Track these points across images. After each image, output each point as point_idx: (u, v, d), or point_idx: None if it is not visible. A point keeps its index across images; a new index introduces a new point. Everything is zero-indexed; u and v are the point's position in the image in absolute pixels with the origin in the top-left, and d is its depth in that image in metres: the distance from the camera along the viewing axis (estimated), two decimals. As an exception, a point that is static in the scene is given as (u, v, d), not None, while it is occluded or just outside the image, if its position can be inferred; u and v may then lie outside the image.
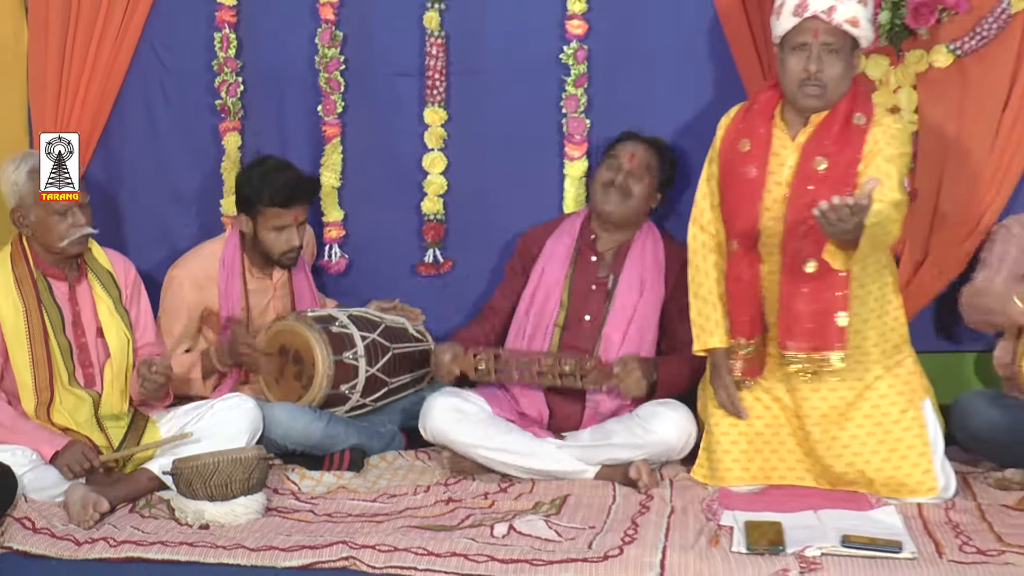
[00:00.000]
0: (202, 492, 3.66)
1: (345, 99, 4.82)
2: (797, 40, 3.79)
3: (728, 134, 4.00)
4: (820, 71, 3.75)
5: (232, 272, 4.49)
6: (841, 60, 3.79)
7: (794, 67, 3.80)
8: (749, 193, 3.89)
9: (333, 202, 4.86)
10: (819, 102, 3.82)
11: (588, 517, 3.73)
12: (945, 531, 3.60)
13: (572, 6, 4.65)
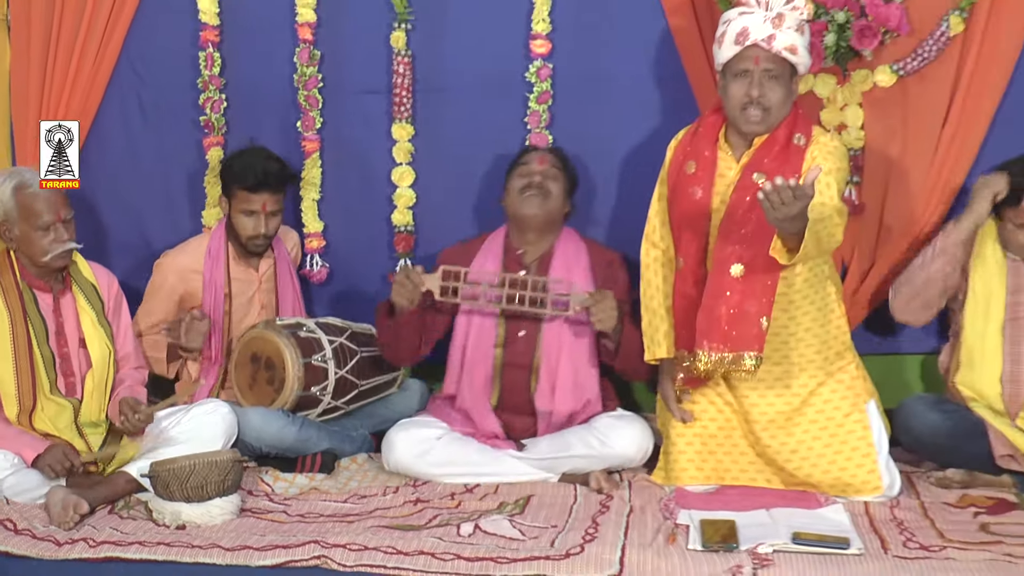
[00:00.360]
0: (179, 494, 3.64)
1: (323, 115, 4.79)
2: (739, 67, 3.83)
3: (676, 156, 4.04)
4: (762, 96, 3.80)
5: (217, 260, 4.47)
6: (781, 85, 3.82)
7: (736, 92, 3.83)
8: (695, 213, 3.92)
9: (313, 214, 4.83)
10: (761, 126, 3.85)
11: (551, 516, 3.73)
12: (890, 528, 3.62)
13: (536, 26, 4.63)
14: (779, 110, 3.85)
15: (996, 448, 4.00)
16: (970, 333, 4.17)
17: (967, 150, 4.45)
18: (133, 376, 4.18)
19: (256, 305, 4.52)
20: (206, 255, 4.48)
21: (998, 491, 3.94)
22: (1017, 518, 3.69)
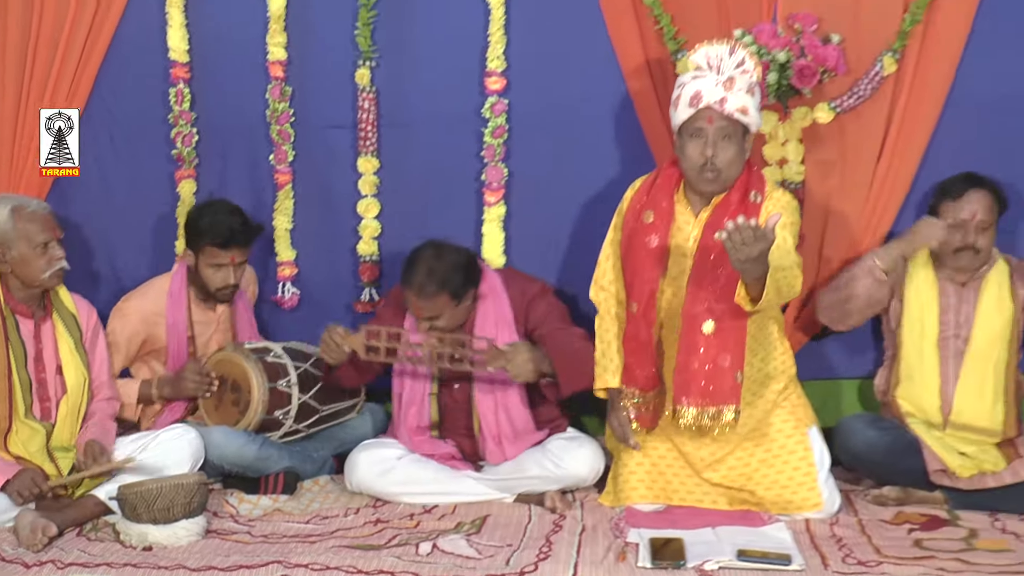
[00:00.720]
0: (146, 516, 3.60)
1: (294, 149, 4.77)
2: (694, 127, 3.84)
3: (633, 205, 4.03)
4: (716, 155, 3.80)
5: (179, 304, 4.41)
6: (734, 144, 3.84)
7: (692, 152, 3.84)
8: (651, 261, 3.92)
9: (286, 243, 4.80)
10: (716, 185, 3.87)
11: (506, 536, 3.72)
12: (830, 544, 3.63)
13: (491, 64, 4.63)
14: (733, 168, 3.86)
15: (930, 464, 4.00)
16: (909, 350, 4.18)
17: (900, 184, 4.49)
18: (104, 409, 4.11)
19: (214, 344, 4.46)
20: (168, 300, 4.40)
21: (931, 508, 3.96)
22: (948, 534, 3.71)
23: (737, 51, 3.86)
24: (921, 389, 4.16)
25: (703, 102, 3.80)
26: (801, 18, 4.40)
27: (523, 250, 4.69)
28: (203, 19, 4.72)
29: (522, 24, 4.62)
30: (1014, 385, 4.16)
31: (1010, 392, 4.13)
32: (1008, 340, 4.14)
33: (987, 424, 4.09)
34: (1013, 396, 4.15)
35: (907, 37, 4.42)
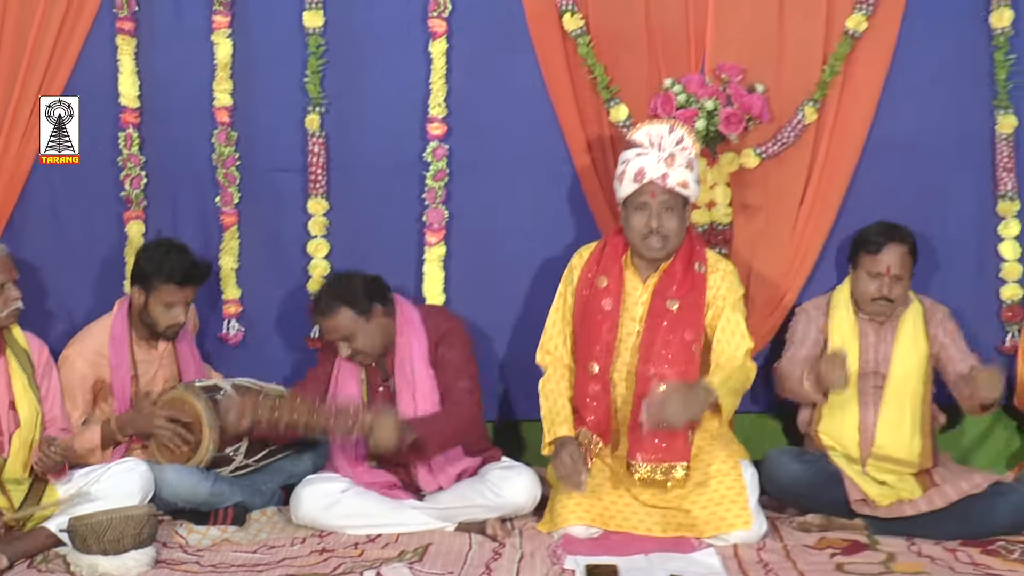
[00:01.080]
0: (96, 547, 3.56)
1: (241, 191, 4.76)
2: (638, 200, 3.98)
3: (585, 273, 4.13)
4: (660, 226, 3.94)
5: (121, 344, 4.35)
6: (676, 216, 3.97)
7: (637, 224, 3.97)
8: (607, 324, 4.03)
9: (231, 282, 4.78)
10: (662, 252, 4.00)
11: (447, 563, 3.70)
12: (757, 569, 3.64)
13: (432, 111, 4.67)
14: (676, 237, 4.00)
15: (851, 494, 4.04)
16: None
17: (822, 226, 4.57)
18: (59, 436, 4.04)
19: (159, 380, 4.41)
20: (110, 341, 4.35)
21: (852, 533, 3.99)
22: (868, 558, 3.74)
23: (676, 130, 4.01)
24: (841, 425, 4.21)
25: (646, 178, 3.94)
26: (727, 69, 4.49)
27: (461, 288, 4.72)
28: (153, 66, 4.72)
29: (462, 73, 4.68)
30: (930, 418, 4.22)
31: (926, 425, 4.19)
32: (923, 376, 4.21)
33: (906, 456, 4.15)
34: (929, 429, 4.20)
35: (827, 87, 4.53)
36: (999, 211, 4.58)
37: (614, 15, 4.59)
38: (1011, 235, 4.57)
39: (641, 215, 3.97)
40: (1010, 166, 4.55)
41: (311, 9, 4.67)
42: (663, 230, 3.96)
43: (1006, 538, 3.90)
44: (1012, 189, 4.56)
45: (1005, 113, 4.54)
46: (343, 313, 4.07)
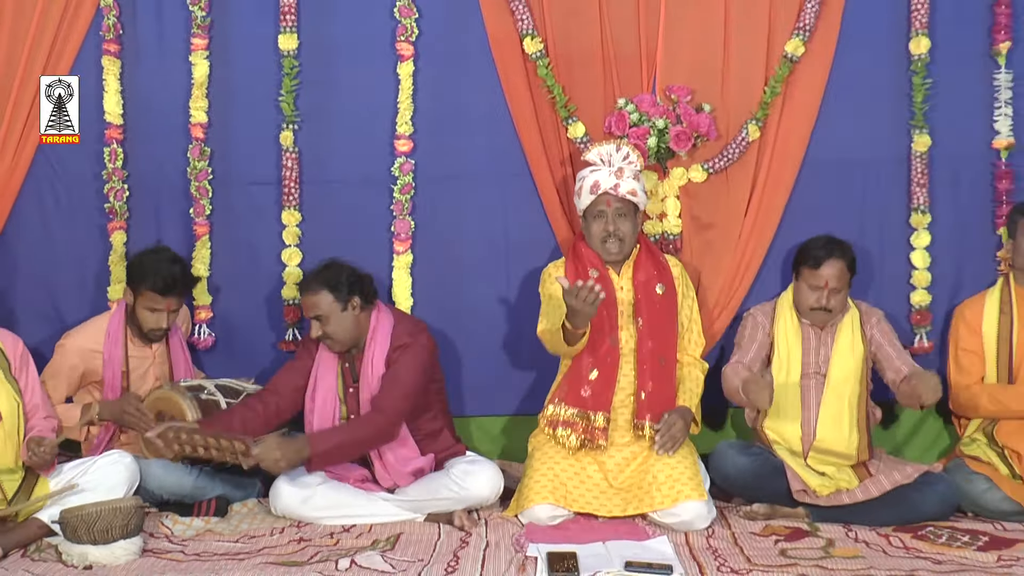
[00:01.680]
0: (86, 537, 3.57)
1: (213, 203, 4.76)
2: (596, 210, 4.23)
3: (568, 273, 4.25)
4: (616, 230, 4.20)
5: (116, 341, 4.37)
6: (629, 220, 4.24)
7: (596, 230, 4.24)
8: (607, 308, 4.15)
9: (203, 289, 4.77)
10: (618, 255, 4.22)
11: (418, 551, 3.72)
12: (706, 555, 3.68)
13: (400, 128, 4.70)
14: (630, 239, 4.26)
15: (793, 485, 4.09)
16: (775, 387, 4.24)
17: (764, 236, 4.63)
18: (43, 424, 4.05)
19: (150, 377, 4.43)
20: (105, 337, 4.36)
21: (794, 521, 4.05)
22: (809, 544, 3.80)
23: (622, 148, 4.24)
24: (785, 422, 4.25)
25: (601, 189, 4.19)
26: (677, 90, 4.56)
27: (427, 292, 4.75)
28: (136, 86, 4.73)
29: (428, 93, 4.72)
30: (867, 415, 4.28)
31: (863, 421, 4.25)
32: (860, 376, 4.27)
33: (844, 449, 4.19)
34: (866, 424, 4.26)
35: (768, 107, 4.60)
36: (912, 223, 4.66)
37: (572, 39, 4.65)
38: (922, 245, 4.66)
39: (599, 222, 4.22)
40: (923, 182, 4.63)
41: (286, 33, 4.69)
42: (619, 233, 4.21)
43: (934, 524, 3.99)
44: (924, 203, 4.64)
45: (920, 133, 4.62)
46: (323, 295, 4.13)
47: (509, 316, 4.76)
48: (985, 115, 4.64)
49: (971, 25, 4.63)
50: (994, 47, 4.61)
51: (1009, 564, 3.57)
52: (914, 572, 3.46)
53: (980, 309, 4.42)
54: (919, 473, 4.08)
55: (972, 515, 4.13)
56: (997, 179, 4.65)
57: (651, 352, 4.18)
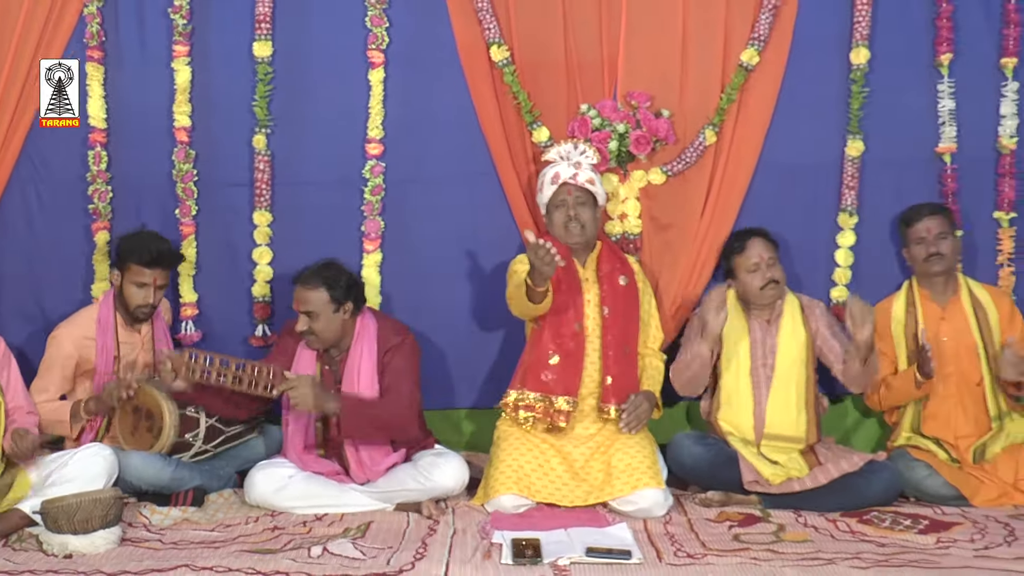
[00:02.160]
0: (67, 527, 3.55)
1: (197, 204, 4.76)
2: (558, 200, 4.28)
3: None
4: (577, 215, 4.24)
5: (107, 328, 4.37)
6: (589, 209, 4.28)
7: (558, 218, 4.29)
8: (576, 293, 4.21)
9: (189, 287, 4.78)
10: (581, 238, 4.24)
11: (387, 539, 3.73)
12: (664, 541, 3.71)
13: (370, 132, 4.71)
14: (591, 227, 4.28)
15: (745, 475, 4.13)
16: (727, 380, 4.34)
17: (720, 236, 4.63)
18: (25, 419, 4.05)
19: (140, 362, 4.43)
20: (97, 324, 4.37)
21: (747, 508, 4.09)
22: (761, 529, 3.84)
23: (579, 145, 4.32)
24: (738, 412, 4.31)
25: (561, 179, 4.26)
26: (637, 96, 4.59)
27: (396, 290, 4.75)
28: (119, 91, 4.71)
29: (398, 99, 4.72)
30: (814, 398, 4.34)
31: (810, 404, 4.31)
32: (805, 362, 4.33)
33: (793, 433, 4.25)
34: (813, 408, 4.32)
35: (724, 113, 4.63)
36: (839, 222, 4.71)
37: (537, 47, 4.67)
38: (847, 244, 4.70)
39: (561, 211, 4.27)
40: (853, 184, 4.67)
41: (260, 40, 4.68)
42: (580, 219, 4.24)
43: (878, 509, 4.04)
44: (852, 204, 4.67)
45: (854, 138, 4.67)
46: (320, 292, 4.13)
47: (476, 312, 4.77)
48: (928, 122, 4.69)
49: (914, 37, 4.68)
50: (936, 58, 4.66)
51: (946, 546, 3.63)
52: (859, 555, 3.50)
53: (888, 313, 4.50)
54: (864, 461, 4.12)
55: (914, 500, 4.20)
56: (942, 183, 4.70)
57: (616, 340, 4.20)
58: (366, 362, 4.19)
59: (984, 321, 4.41)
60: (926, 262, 4.41)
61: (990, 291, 4.50)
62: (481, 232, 4.75)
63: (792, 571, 3.34)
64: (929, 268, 4.41)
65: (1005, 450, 4.25)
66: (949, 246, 4.42)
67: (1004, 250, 4.70)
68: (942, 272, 4.42)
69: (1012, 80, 4.65)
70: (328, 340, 4.19)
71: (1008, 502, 4.14)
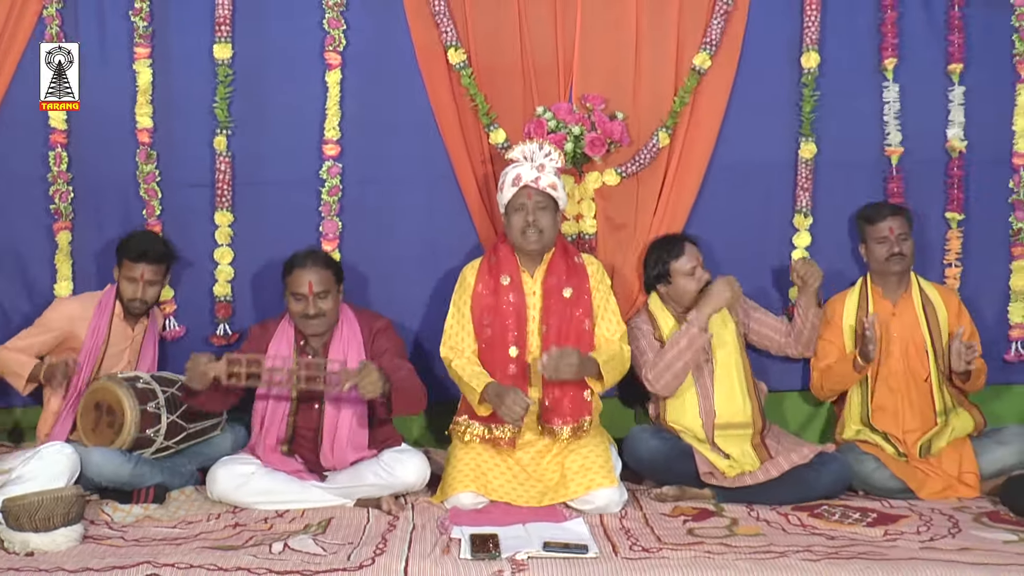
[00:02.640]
0: (28, 525, 3.51)
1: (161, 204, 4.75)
2: (517, 203, 4.16)
3: (481, 278, 4.24)
4: (536, 221, 4.12)
5: (104, 311, 4.43)
6: (549, 213, 4.17)
7: (516, 222, 4.17)
8: (518, 314, 4.18)
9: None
10: (538, 244, 4.16)
11: (348, 535, 3.72)
12: (619, 535, 3.72)
13: (328, 133, 4.72)
14: (550, 231, 4.18)
15: (700, 467, 4.17)
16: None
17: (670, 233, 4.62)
18: None
19: (125, 358, 4.45)
20: (96, 307, 4.42)
21: (701, 502, 4.11)
22: (715, 523, 3.86)
23: (544, 146, 4.20)
24: (684, 413, 4.34)
25: (523, 182, 4.14)
26: (592, 99, 4.62)
27: (353, 290, 4.72)
28: (80, 91, 4.68)
29: (355, 100, 4.73)
30: (753, 384, 4.40)
31: (751, 389, 4.37)
32: (738, 348, 4.40)
33: (742, 418, 4.30)
34: (754, 393, 4.38)
35: (677, 116, 4.68)
36: (795, 223, 4.77)
37: (493, 51, 4.69)
38: (802, 244, 4.76)
39: (520, 215, 4.16)
40: (807, 186, 4.73)
41: (220, 43, 4.68)
42: (539, 224, 4.14)
43: (828, 502, 4.09)
44: (806, 206, 4.74)
45: (807, 141, 4.73)
46: (329, 273, 4.20)
47: (432, 311, 4.77)
48: (877, 125, 4.76)
49: (861, 43, 4.75)
50: (882, 63, 4.74)
51: (894, 538, 3.68)
52: (810, 548, 3.54)
53: (841, 306, 4.58)
54: (814, 453, 4.18)
55: (863, 493, 4.26)
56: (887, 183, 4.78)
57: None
58: (354, 347, 4.21)
59: (933, 318, 4.48)
60: (887, 261, 4.47)
61: (939, 289, 4.58)
62: (438, 232, 4.77)
63: (745, 564, 3.37)
64: (890, 267, 4.48)
65: (950, 444, 4.33)
66: (910, 247, 4.49)
67: (952, 249, 4.78)
68: (902, 272, 4.50)
69: (958, 85, 4.73)
70: (331, 322, 4.22)
71: (952, 495, 4.21)
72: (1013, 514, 3.96)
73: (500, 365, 4.17)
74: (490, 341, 4.19)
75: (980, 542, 3.63)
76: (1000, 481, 4.19)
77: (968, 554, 3.49)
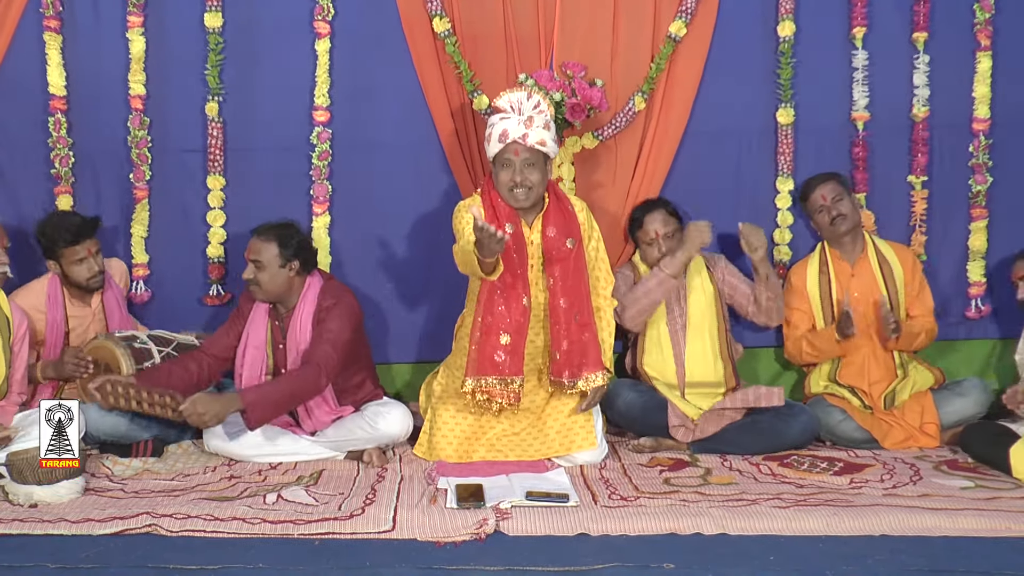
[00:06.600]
0: (31, 478, 3.52)
1: (151, 169, 4.72)
2: (504, 158, 3.97)
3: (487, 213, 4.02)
4: (524, 179, 3.94)
5: (56, 303, 4.30)
6: (537, 169, 3.97)
7: (504, 179, 3.98)
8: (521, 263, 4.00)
9: (141, 248, 4.74)
10: (526, 202, 4.00)
11: (338, 486, 3.74)
12: (599, 485, 3.75)
13: (317, 100, 4.68)
14: (539, 187, 3.99)
15: (671, 420, 4.19)
16: (649, 330, 4.38)
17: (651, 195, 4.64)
18: (11, 400, 4.03)
19: (90, 333, 4.37)
20: (47, 300, 4.30)
21: (677, 453, 4.15)
22: (690, 473, 3.90)
23: (533, 96, 4.01)
24: (660, 358, 4.35)
25: (510, 138, 3.94)
26: (572, 66, 4.58)
27: (344, 250, 4.75)
28: (77, 59, 4.65)
29: (344, 68, 4.69)
30: (728, 346, 4.40)
31: (725, 351, 4.37)
32: (716, 311, 4.40)
33: (713, 378, 4.32)
34: (729, 355, 4.39)
35: (654, 82, 4.66)
36: (776, 186, 4.76)
37: (477, 19, 4.65)
38: (784, 206, 4.76)
39: (507, 171, 3.97)
40: (785, 151, 4.72)
41: (211, 11, 4.64)
42: (527, 182, 3.95)
43: (797, 452, 4.13)
44: (787, 169, 4.74)
45: (785, 107, 4.71)
46: (270, 246, 4.09)
47: (419, 271, 4.77)
48: (844, 91, 4.74)
49: (832, 12, 4.71)
50: (851, 31, 4.71)
51: (859, 486, 3.72)
52: (780, 495, 3.58)
53: (804, 273, 4.59)
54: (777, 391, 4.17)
55: (830, 443, 4.29)
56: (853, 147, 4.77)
57: (566, 311, 4.02)
58: (306, 318, 4.14)
59: (889, 275, 4.50)
60: (832, 225, 4.48)
61: (894, 247, 4.59)
62: (424, 194, 4.74)
63: (718, 511, 3.39)
64: (836, 230, 4.49)
65: (912, 397, 4.35)
66: (848, 205, 4.49)
67: (916, 212, 4.77)
68: (849, 230, 4.50)
69: (923, 53, 4.71)
70: (271, 292, 4.13)
71: (914, 444, 4.25)
72: (971, 459, 4.00)
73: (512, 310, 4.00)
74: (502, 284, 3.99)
75: (939, 489, 3.67)
76: (959, 431, 4.21)
77: (928, 500, 3.53)
